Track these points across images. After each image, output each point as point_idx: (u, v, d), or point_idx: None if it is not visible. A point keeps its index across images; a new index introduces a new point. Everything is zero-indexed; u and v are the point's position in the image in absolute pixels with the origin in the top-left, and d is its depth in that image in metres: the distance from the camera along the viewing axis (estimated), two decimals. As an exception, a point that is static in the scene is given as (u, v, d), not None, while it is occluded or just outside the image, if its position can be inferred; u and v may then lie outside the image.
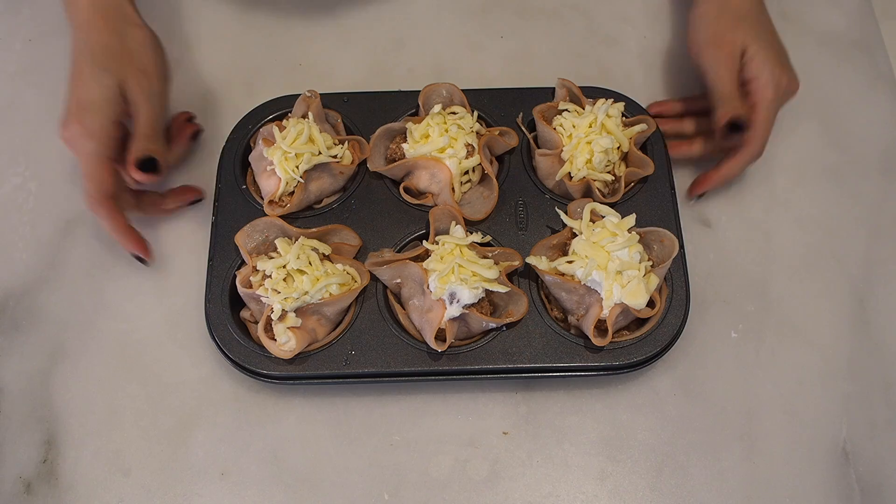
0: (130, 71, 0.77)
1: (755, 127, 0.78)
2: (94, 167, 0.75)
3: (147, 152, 0.76)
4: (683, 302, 0.74)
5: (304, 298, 0.71)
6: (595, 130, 0.77)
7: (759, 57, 0.78)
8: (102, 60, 0.78)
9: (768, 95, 0.78)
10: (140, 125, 0.77)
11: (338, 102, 0.84)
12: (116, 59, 0.78)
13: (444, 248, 0.73)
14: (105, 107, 0.76)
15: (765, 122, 0.78)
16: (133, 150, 0.76)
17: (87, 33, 0.80)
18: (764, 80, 0.78)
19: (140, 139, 0.77)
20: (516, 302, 0.74)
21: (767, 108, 0.78)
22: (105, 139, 0.75)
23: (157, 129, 0.78)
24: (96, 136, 0.75)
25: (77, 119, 0.75)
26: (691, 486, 0.72)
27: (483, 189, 0.81)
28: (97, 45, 0.79)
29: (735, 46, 0.79)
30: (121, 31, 0.80)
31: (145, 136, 0.77)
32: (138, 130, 0.77)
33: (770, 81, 0.78)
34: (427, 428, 0.74)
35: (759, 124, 0.78)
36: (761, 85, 0.78)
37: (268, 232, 0.76)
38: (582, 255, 0.71)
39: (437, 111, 0.80)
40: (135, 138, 0.77)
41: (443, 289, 0.70)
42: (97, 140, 0.75)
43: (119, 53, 0.78)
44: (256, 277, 0.72)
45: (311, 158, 0.77)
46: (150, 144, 0.76)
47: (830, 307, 0.80)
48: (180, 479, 0.73)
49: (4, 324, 0.80)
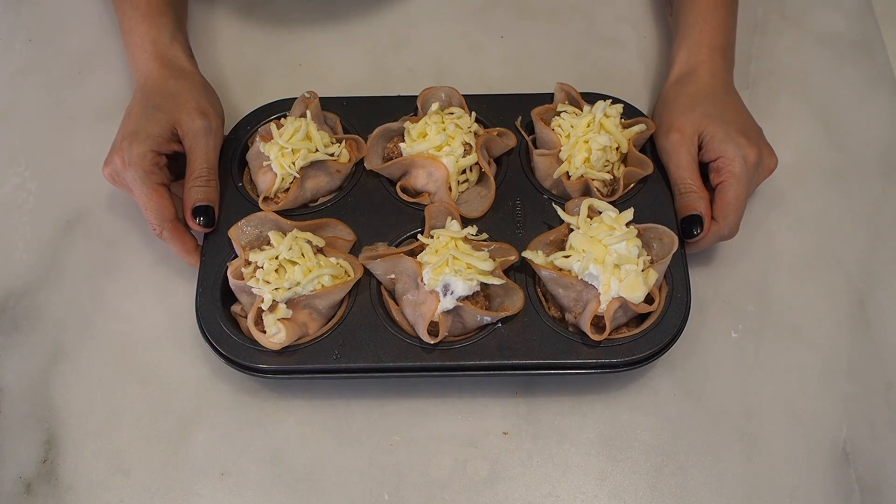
0: (185, 110, 0.77)
1: (724, 206, 0.74)
2: (147, 195, 0.74)
3: (205, 201, 0.75)
4: (684, 301, 0.73)
5: (295, 289, 0.70)
6: (593, 129, 0.77)
7: (717, 136, 0.75)
8: (156, 101, 0.78)
9: (735, 171, 0.74)
10: (195, 167, 0.76)
11: (337, 105, 0.84)
12: (170, 99, 0.78)
13: (438, 242, 0.72)
14: (148, 139, 0.75)
15: (734, 200, 0.74)
16: (191, 196, 0.75)
17: (146, 79, 0.80)
18: (729, 156, 0.74)
19: (196, 182, 0.76)
20: (512, 296, 0.73)
21: (736, 184, 0.74)
22: (147, 165, 0.74)
23: (212, 171, 0.77)
24: (136, 163, 0.73)
25: (118, 152, 0.75)
26: (691, 486, 0.72)
27: (481, 189, 0.81)
28: (152, 89, 0.79)
29: (691, 130, 0.76)
30: (177, 76, 0.80)
31: (201, 177, 0.76)
32: (193, 172, 0.76)
33: (736, 156, 0.74)
34: (427, 428, 0.74)
35: (727, 204, 0.74)
36: (727, 161, 0.74)
37: (262, 227, 0.76)
38: (579, 249, 0.71)
39: (435, 110, 0.80)
40: (190, 181, 0.76)
41: (437, 280, 0.69)
42: (136, 167, 0.73)
43: (174, 95, 0.78)
44: (248, 269, 0.72)
45: (308, 155, 0.77)
46: (208, 190, 0.76)
47: (830, 307, 0.80)
48: (180, 479, 0.73)
49: (4, 324, 0.80)
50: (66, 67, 0.94)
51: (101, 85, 0.92)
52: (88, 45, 0.95)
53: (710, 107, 0.78)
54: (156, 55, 0.81)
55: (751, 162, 0.75)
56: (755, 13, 0.96)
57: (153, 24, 0.82)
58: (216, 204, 0.77)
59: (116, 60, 0.94)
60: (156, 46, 0.81)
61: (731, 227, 0.75)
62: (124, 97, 0.91)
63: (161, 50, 0.82)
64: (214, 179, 0.77)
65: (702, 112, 0.77)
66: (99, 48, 0.95)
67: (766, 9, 0.96)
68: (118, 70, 0.93)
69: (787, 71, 0.92)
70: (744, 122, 0.78)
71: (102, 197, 0.85)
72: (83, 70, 0.94)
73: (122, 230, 0.84)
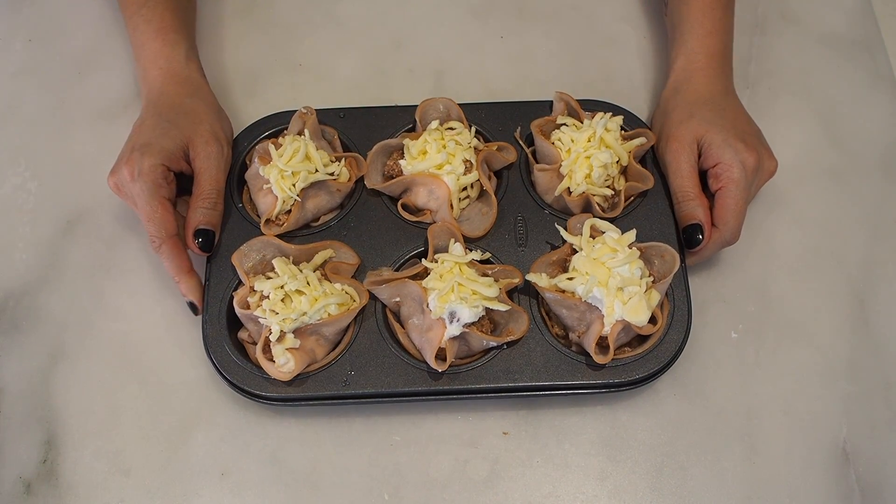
0: (199, 132, 0.77)
1: (724, 212, 0.74)
2: (152, 208, 0.73)
3: (208, 225, 0.75)
4: (685, 317, 0.73)
5: (302, 319, 0.70)
6: (594, 145, 0.77)
7: (715, 141, 0.75)
8: (170, 116, 0.77)
9: (734, 176, 0.73)
10: (203, 188, 0.76)
11: (334, 118, 0.84)
12: (185, 117, 0.77)
13: (443, 267, 0.72)
14: (162, 152, 0.74)
15: (734, 206, 0.74)
16: (195, 216, 0.75)
17: (159, 95, 0.80)
18: (727, 162, 0.74)
19: (203, 203, 0.75)
20: (517, 320, 0.73)
21: (735, 189, 0.74)
22: (155, 178, 0.73)
23: (220, 194, 0.77)
24: (145, 174, 0.73)
25: (127, 161, 0.74)
26: (691, 487, 0.72)
27: (482, 205, 0.80)
28: (166, 104, 0.78)
29: (689, 138, 0.76)
30: (192, 95, 0.80)
31: (209, 199, 0.75)
32: (201, 193, 0.75)
33: (734, 162, 0.74)
34: (427, 428, 0.74)
35: (727, 209, 0.74)
36: (725, 167, 0.74)
37: (265, 251, 0.75)
38: (582, 271, 0.71)
39: (435, 127, 0.79)
40: (197, 201, 0.75)
41: (442, 308, 0.69)
42: (145, 178, 0.73)
43: (189, 113, 0.78)
44: (254, 298, 0.71)
45: (308, 176, 0.76)
46: (213, 214, 0.75)
47: (830, 307, 0.80)
48: (180, 479, 0.73)
49: (4, 324, 0.80)
50: (66, 67, 0.94)
51: (101, 85, 0.92)
52: (88, 45, 0.95)
53: (707, 113, 0.77)
54: (170, 72, 0.81)
55: (749, 166, 0.74)
56: (755, 13, 0.95)
57: (167, 41, 0.81)
58: (218, 229, 0.76)
59: (116, 60, 0.94)
60: (171, 64, 0.81)
61: (731, 232, 0.75)
62: (124, 97, 0.91)
63: (176, 68, 0.81)
64: (221, 203, 0.77)
65: (699, 119, 0.77)
66: (99, 48, 0.95)
67: (765, 9, 0.96)
68: (118, 70, 0.93)
69: (787, 71, 0.92)
70: (742, 126, 0.78)
71: (102, 197, 0.85)
72: (83, 70, 0.94)
73: (122, 230, 0.84)
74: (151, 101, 0.80)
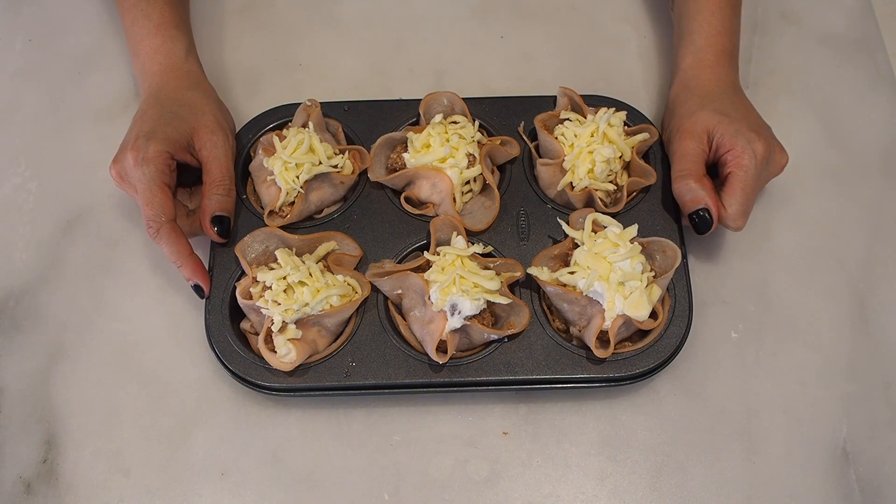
0: (203, 122, 0.77)
1: (731, 194, 0.74)
2: (151, 192, 0.72)
3: (224, 211, 0.75)
4: (686, 313, 0.74)
5: (304, 310, 0.70)
6: (597, 140, 0.77)
7: (728, 133, 0.75)
8: (173, 108, 0.77)
9: (744, 163, 0.73)
10: (215, 175, 0.76)
11: (338, 111, 0.84)
12: (188, 108, 0.77)
13: (445, 259, 0.73)
14: (167, 140, 0.74)
15: (743, 192, 0.73)
16: (211, 203, 0.75)
17: (159, 88, 0.79)
18: (739, 150, 0.74)
19: (217, 189, 0.75)
20: (518, 313, 0.73)
21: (744, 175, 0.74)
22: (161, 165, 0.73)
23: (231, 181, 0.77)
24: (151, 160, 0.72)
25: (132, 147, 0.73)
26: (691, 486, 0.72)
27: (484, 199, 0.81)
28: (168, 97, 0.78)
29: (700, 128, 0.76)
30: (193, 88, 0.80)
31: (222, 185, 0.75)
32: (212, 181, 0.75)
33: (745, 150, 0.74)
34: (427, 428, 0.74)
35: (736, 195, 0.74)
36: (736, 155, 0.74)
37: (268, 242, 0.76)
38: (584, 265, 0.71)
39: (439, 121, 0.80)
40: (211, 188, 0.75)
41: (444, 300, 0.70)
42: (152, 164, 0.72)
43: (191, 105, 0.78)
44: (256, 288, 0.72)
45: (312, 168, 0.76)
46: (228, 200, 0.75)
47: (830, 307, 0.80)
48: (180, 479, 0.73)
49: (4, 324, 0.80)
50: (66, 67, 0.94)
51: (101, 85, 0.92)
52: (88, 45, 0.95)
53: (719, 105, 0.78)
54: (171, 67, 0.81)
55: (760, 155, 0.74)
56: (755, 13, 0.95)
57: (167, 36, 0.81)
58: (233, 215, 0.77)
59: (116, 60, 0.94)
60: (171, 59, 0.81)
61: (735, 214, 0.74)
62: (124, 97, 0.91)
63: (176, 63, 0.81)
64: (234, 189, 0.77)
65: (711, 110, 0.77)
66: (99, 48, 0.94)
67: (765, 9, 0.96)
68: (118, 70, 0.93)
69: (787, 71, 0.92)
70: (754, 120, 0.78)
71: (102, 197, 0.85)
72: (83, 70, 0.94)
73: (122, 230, 0.84)
74: (152, 93, 0.80)
